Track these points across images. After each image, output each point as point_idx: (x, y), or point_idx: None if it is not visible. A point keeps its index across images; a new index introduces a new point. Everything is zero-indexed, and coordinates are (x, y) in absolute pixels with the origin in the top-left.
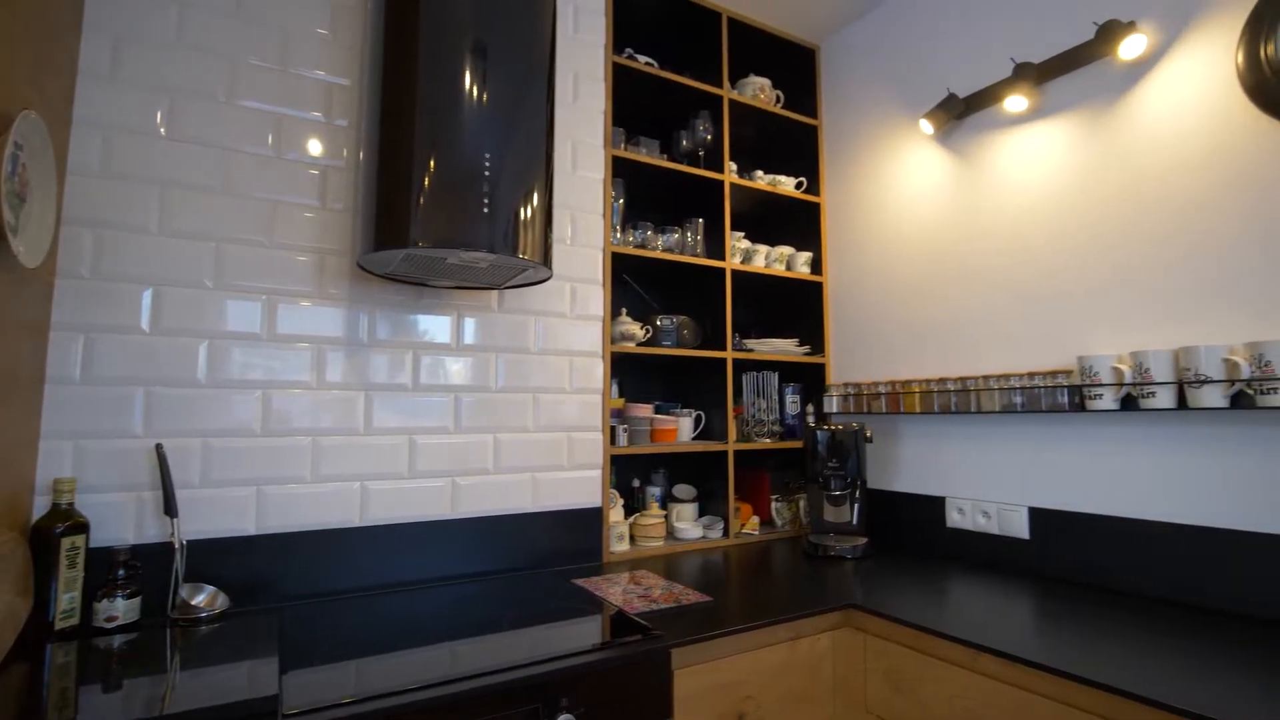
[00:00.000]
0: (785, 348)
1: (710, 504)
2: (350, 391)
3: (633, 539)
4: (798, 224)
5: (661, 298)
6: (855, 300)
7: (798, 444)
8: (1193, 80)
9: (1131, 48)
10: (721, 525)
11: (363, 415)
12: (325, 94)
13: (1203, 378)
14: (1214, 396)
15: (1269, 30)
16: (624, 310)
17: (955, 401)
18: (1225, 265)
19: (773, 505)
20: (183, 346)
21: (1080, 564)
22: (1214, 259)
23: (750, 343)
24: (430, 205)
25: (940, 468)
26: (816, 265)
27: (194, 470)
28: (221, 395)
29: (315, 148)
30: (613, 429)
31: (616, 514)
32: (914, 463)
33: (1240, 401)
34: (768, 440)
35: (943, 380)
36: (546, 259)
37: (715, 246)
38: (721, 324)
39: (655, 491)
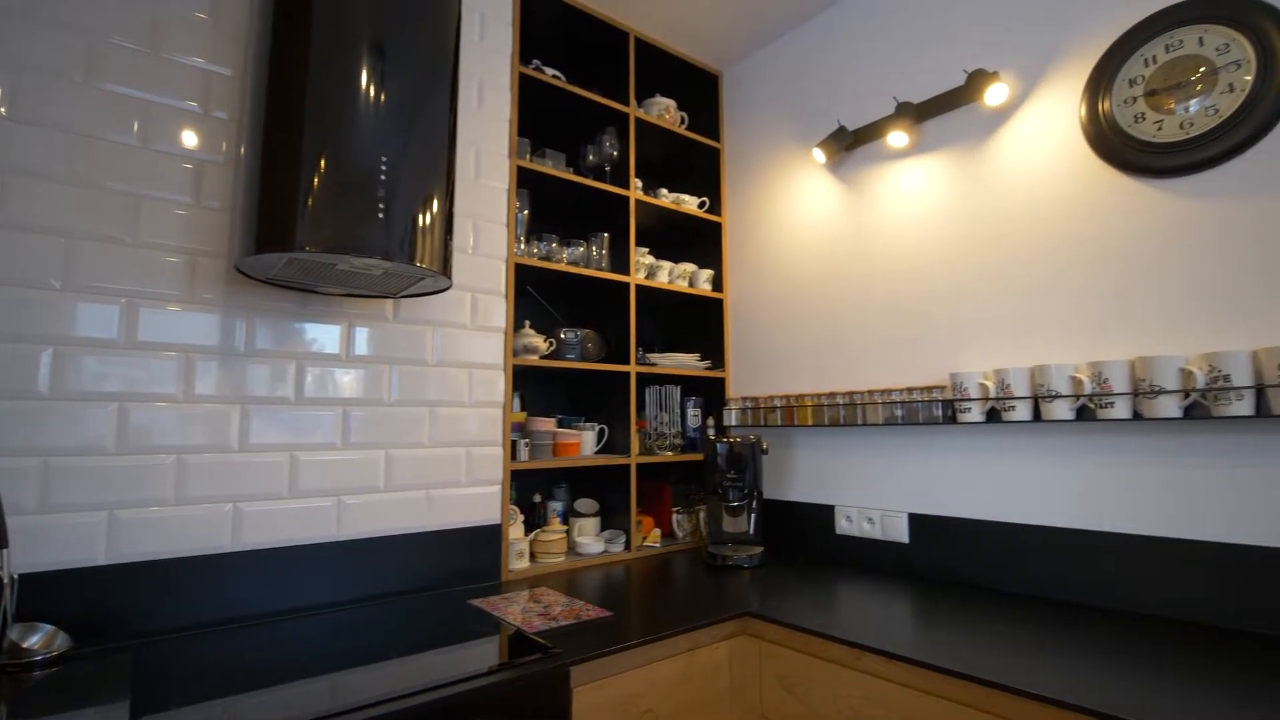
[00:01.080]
0: (687, 362)
1: (613, 518)
2: (224, 405)
3: (533, 556)
4: (700, 242)
5: (566, 311)
6: (754, 317)
7: (699, 456)
8: (1046, 128)
9: (995, 95)
10: (623, 539)
11: (237, 431)
12: (203, 83)
13: (1053, 393)
14: (1063, 410)
15: (1106, 88)
16: (527, 322)
17: (844, 414)
18: (1072, 294)
19: (674, 517)
20: (21, 354)
21: (954, 565)
22: (1063, 288)
23: (654, 357)
24: (320, 207)
25: (830, 477)
26: (718, 282)
27: (30, 494)
28: (68, 409)
29: (190, 140)
30: (514, 443)
31: (517, 531)
32: (807, 473)
33: (1084, 414)
34: (670, 453)
35: (833, 394)
36: (446, 268)
37: (620, 261)
38: (625, 338)
39: (557, 506)
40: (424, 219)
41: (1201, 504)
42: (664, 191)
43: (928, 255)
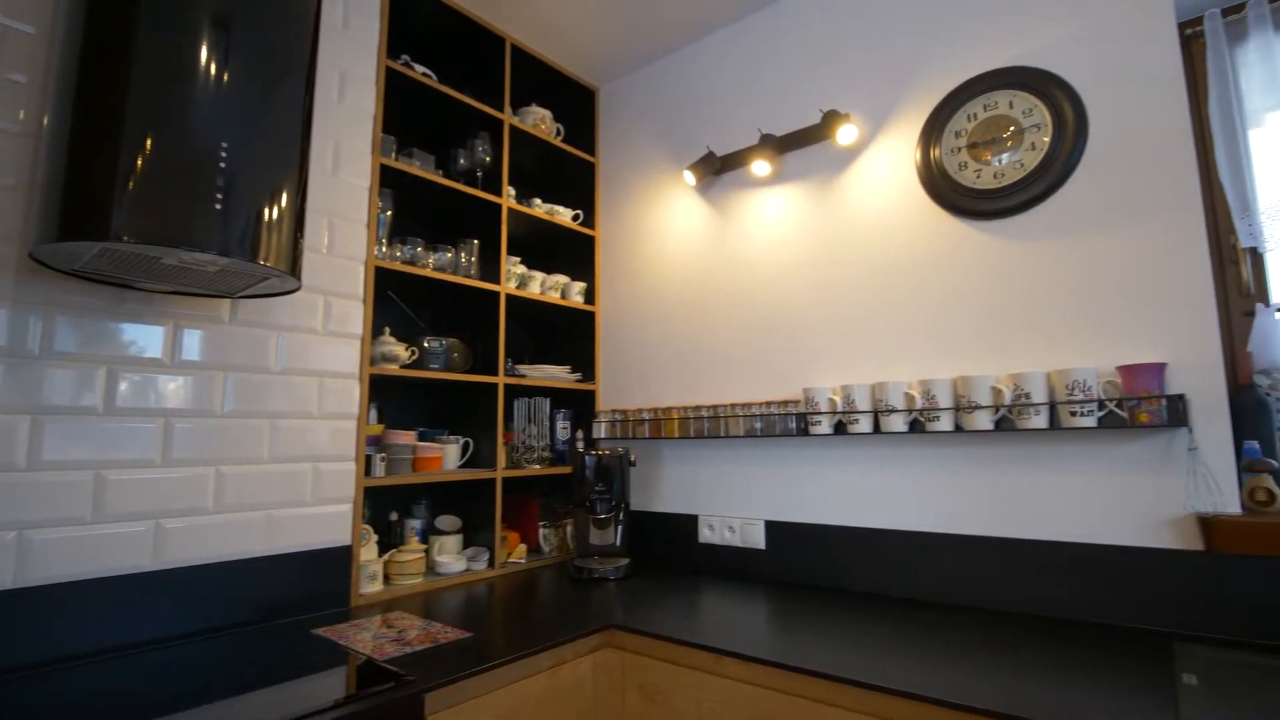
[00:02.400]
0: (558, 374)
1: (477, 534)
2: (8, 416)
3: (388, 578)
4: (573, 254)
5: (431, 318)
6: (625, 330)
7: (568, 469)
8: (888, 168)
9: (846, 135)
10: (487, 556)
11: (26, 446)
12: None
13: (890, 408)
14: (898, 423)
15: (936, 138)
16: (387, 329)
17: (708, 427)
18: (908, 319)
19: (541, 532)
20: None
21: (807, 568)
22: (901, 313)
23: (523, 368)
24: (143, 192)
25: (695, 488)
26: (590, 295)
27: None
28: None
29: None
30: (369, 458)
31: (369, 552)
32: (673, 484)
33: (916, 427)
34: (538, 466)
35: (698, 408)
36: (295, 268)
37: (490, 269)
38: (494, 348)
39: (416, 525)
40: (270, 213)
41: (1011, 506)
42: (538, 202)
43: (786, 278)
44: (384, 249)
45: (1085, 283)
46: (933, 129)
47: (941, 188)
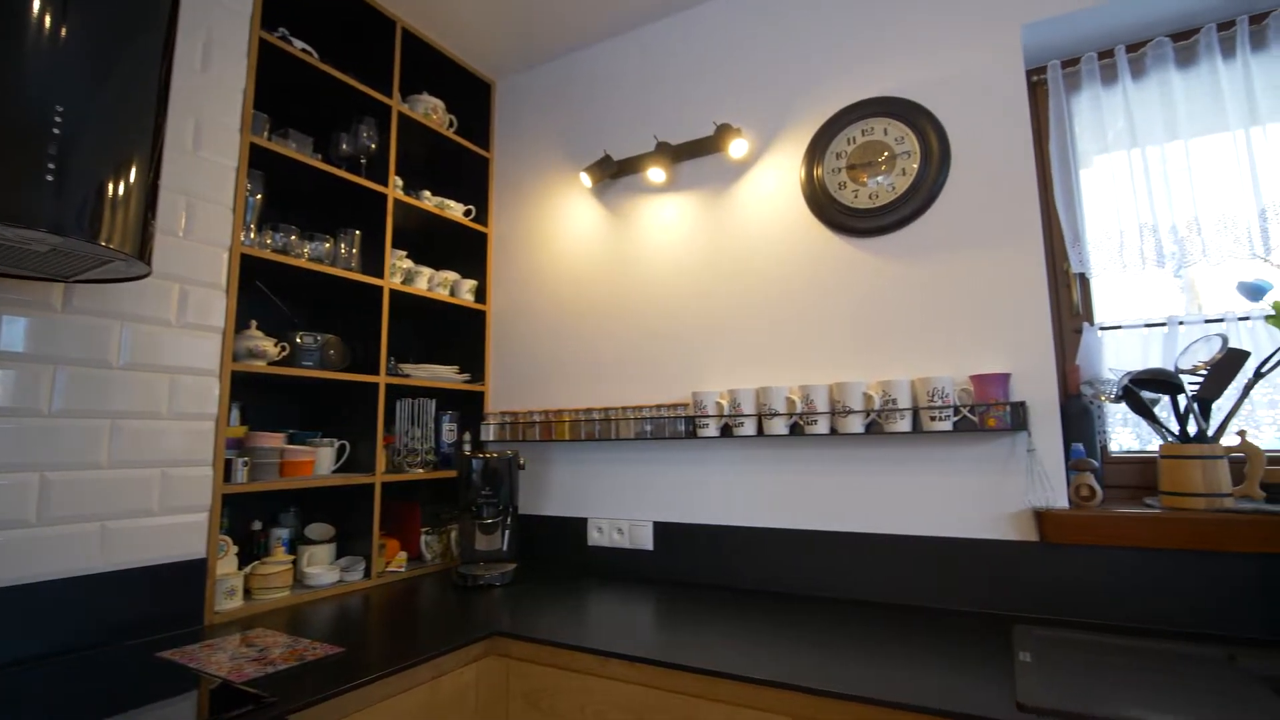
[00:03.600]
0: (445, 374)
1: (353, 543)
2: None
3: (249, 593)
4: (464, 250)
5: (306, 313)
6: (516, 331)
7: (453, 473)
8: (776, 183)
9: (738, 149)
10: (364, 565)
11: None
12: None
13: (773, 412)
14: (780, 426)
15: (819, 157)
16: (254, 323)
17: (599, 429)
18: (791, 327)
19: (423, 539)
20: None
21: (693, 568)
22: (784, 321)
23: (407, 368)
24: None
25: (585, 491)
26: (481, 294)
27: None
28: None
29: None
30: (229, 463)
31: (228, 565)
32: (563, 487)
33: (796, 430)
34: (421, 470)
35: (589, 410)
36: (144, 251)
37: (374, 262)
38: (376, 346)
39: (283, 534)
40: (115, 188)
41: (880, 504)
42: (427, 194)
43: (678, 284)
44: (252, 235)
45: (945, 298)
46: (816, 149)
47: (823, 204)
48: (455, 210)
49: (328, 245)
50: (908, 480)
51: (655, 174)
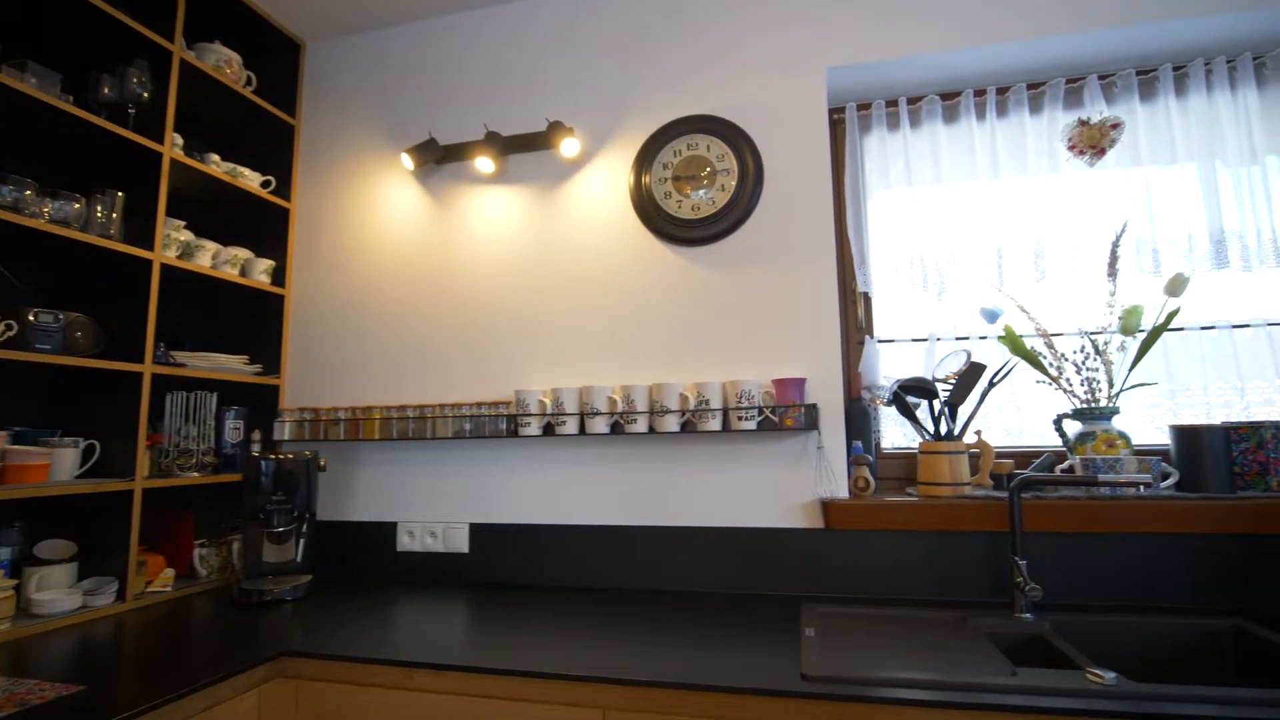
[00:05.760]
0: (231, 365)
1: (103, 561)
2: None
3: None
4: (261, 226)
5: (44, 286)
6: (321, 319)
7: (237, 477)
8: (606, 187)
9: (569, 148)
10: (116, 587)
11: None
12: None
13: (595, 410)
14: (601, 425)
15: (648, 166)
16: None
17: (413, 428)
18: (615, 328)
19: (196, 553)
20: None
21: (512, 569)
22: (608, 323)
23: (183, 356)
24: None
25: (395, 493)
26: (280, 276)
27: None
28: None
29: None
30: None
31: None
32: (371, 490)
33: (617, 429)
34: (196, 474)
35: (403, 407)
36: None
37: (141, 231)
38: (140, 329)
39: (2, 555)
40: None
41: (693, 499)
42: (215, 158)
43: (504, 279)
44: None
45: (754, 308)
46: (646, 157)
47: (650, 212)
48: (251, 180)
49: (77, 206)
50: (718, 475)
51: (484, 164)
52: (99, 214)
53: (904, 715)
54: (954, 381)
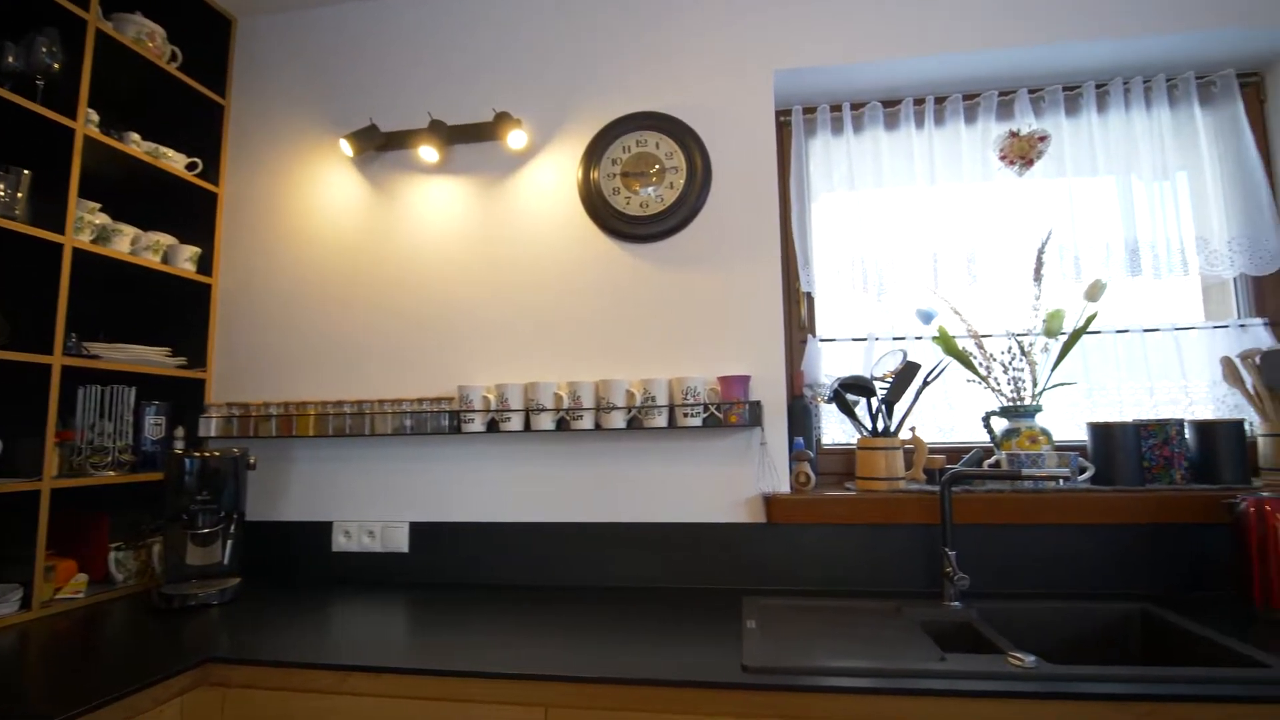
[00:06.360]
0: (151, 357)
1: (5, 568)
2: None
3: None
4: (186, 211)
5: None
6: (252, 310)
7: (158, 476)
8: (554, 181)
9: (516, 140)
10: (20, 595)
11: None
12: None
13: (541, 407)
14: (547, 422)
15: (596, 161)
16: None
17: (351, 424)
18: (560, 325)
19: (112, 556)
20: None
21: (453, 567)
22: (554, 319)
23: (97, 347)
24: None
25: (332, 492)
26: (206, 264)
27: None
28: None
29: None
30: None
31: None
32: (305, 489)
33: (562, 425)
34: (113, 473)
35: (340, 403)
36: None
37: (50, 213)
38: (50, 318)
39: None
40: None
41: (639, 495)
42: (136, 138)
43: (448, 272)
44: None
45: (700, 306)
46: (594, 152)
47: (598, 208)
48: (175, 161)
49: None
50: (663, 472)
51: (427, 153)
52: (1, 193)
53: (839, 702)
54: (891, 380)
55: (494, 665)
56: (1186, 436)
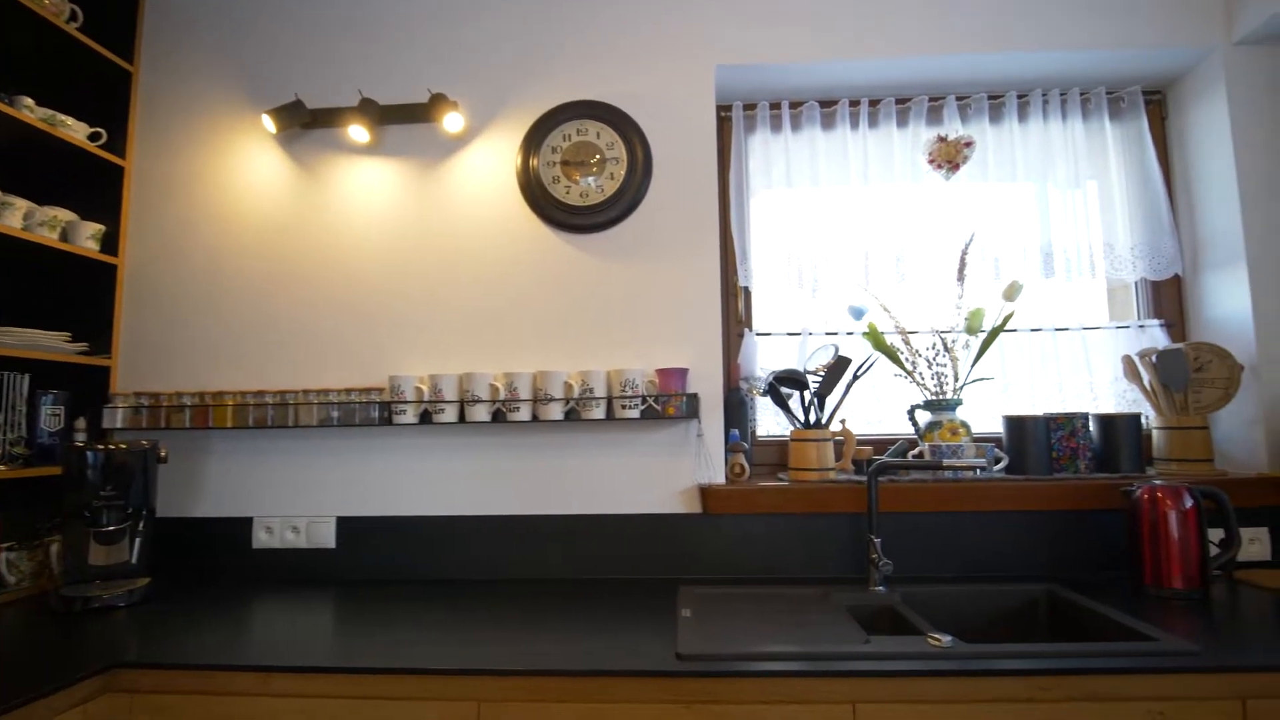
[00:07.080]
0: (47, 342)
1: None
2: None
3: None
4: (88, 185)
5: None
6: (163, 293)
7: (56, 470)
8: (492, 167)
9: (453, 123)
10: None
11: None
12: None
13: (476, 398)
14: (482, 413)
15: (536, 149)
16: None
17: (273, 415)
18: (497, 314)
19: (3, 557)
20: None
21: (383, 563)
22: (490, 308)
23: None
24: None
25: (251, 486)
26: (111, 243)
27: None
28: None
29: None
30: None
31: None
32: (222, 483)
33: (499, 417)
34: (3, 467)
35: (261, 393)
36: None
37: None
38: None
39: None
40: None
41: (577, 487)
42: (29, 103)
43: (379, 258)
44: None
45: (639, 298)
46: (533, 139)
47: (537, 195)
48: (75, 131)
49: None
50: (601, 463)
51: (357, 132)
52: None
53: (768, 686)
54: (823, 374)
55: (425, 661)
56: (1091, 429)
